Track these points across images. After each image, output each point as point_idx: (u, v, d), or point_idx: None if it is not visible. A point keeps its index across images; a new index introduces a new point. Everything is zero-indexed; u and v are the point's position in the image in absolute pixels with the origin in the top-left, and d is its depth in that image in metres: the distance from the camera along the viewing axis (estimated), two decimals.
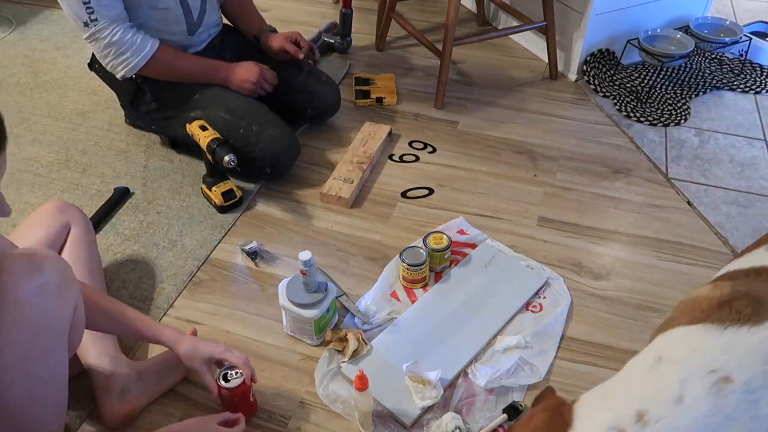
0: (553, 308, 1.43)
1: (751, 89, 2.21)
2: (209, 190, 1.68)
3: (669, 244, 1.61)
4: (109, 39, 1.55)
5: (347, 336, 1.32)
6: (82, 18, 1.52)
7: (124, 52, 1.58)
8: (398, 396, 1.23)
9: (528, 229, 1.65)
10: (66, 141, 1.95)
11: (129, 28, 1.57)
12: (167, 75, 1.69)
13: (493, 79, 2.27)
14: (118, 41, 1.56)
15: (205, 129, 1.60)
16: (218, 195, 1.66)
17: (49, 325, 0.94)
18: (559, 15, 2.18)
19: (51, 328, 0.94)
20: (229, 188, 1.67)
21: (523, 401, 1.24)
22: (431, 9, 2.74)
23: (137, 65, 1.60)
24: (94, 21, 1.52)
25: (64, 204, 1.35)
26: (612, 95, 2.16)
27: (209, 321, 1.41)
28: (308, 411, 1.24)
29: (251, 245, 1.55)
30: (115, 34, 1.55)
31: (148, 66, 1.62)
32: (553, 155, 1.90)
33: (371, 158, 1.82)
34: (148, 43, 1.60)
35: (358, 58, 2.39)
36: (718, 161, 1.90)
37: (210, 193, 1.68)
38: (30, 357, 0.93)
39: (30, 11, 2.66)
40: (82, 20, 1.52)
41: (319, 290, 1.30)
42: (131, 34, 1.57)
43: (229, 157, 1.54)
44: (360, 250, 1.59)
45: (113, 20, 1.54)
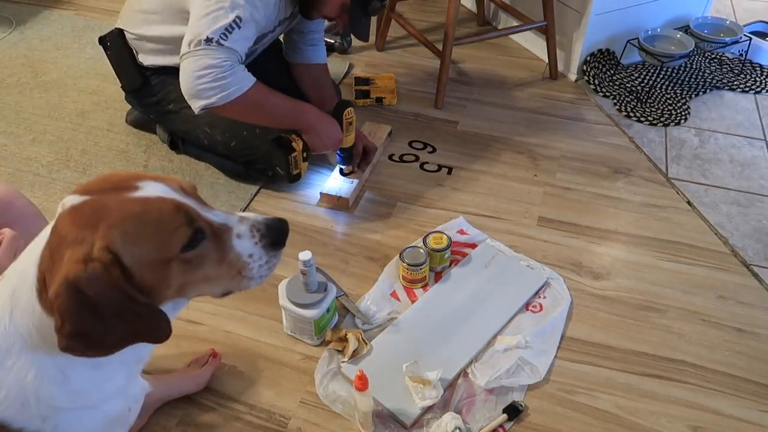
0: (553, 308, 1.43)
1: (751, 89, 2.21)
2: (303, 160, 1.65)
3: (669, 244, 1.61)
4: (219, 63, 1.37)
5: (347, 336, 1.32)
6: (210, 34, 1.35)
7: (226, 77, 1.38)
8: (398, 396, 1.23)
9: (528, 229, 1.65)
10: (66, 141, 1.95)
11: (239, 62, 1.43)
12: (248, 112, 1.51)
13: (493, 79, 2.27)
14: (225, 67, 1.38)
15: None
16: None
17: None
18: (559, 15, 2.17)
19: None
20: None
21: (523, 401, 1.24)
22: (431, 9, 2.74)
23: (231, 95, 1.40)
24: (220, 42, 1.36)
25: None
26: (612, 95, 2.16)
27: (209, 321, 1.41)
28: (308, 411, 1.24)
29: None
30: (227, 61, 1.38)
31: (238, 99, 1.42)
32: (553, 155, 1.90)
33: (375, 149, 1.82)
34: (248, 76, 1.44)
35: (358, 58, 2.39)
36: (718, 161, 1.90)
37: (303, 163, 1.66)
38: None
39: (30, 11, 2.66)
40: (208, 36, 1.35)
41: (319, 290, 1.30)
42: (238, 66, 1.42)
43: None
44: (360, 250, 1.59)
45: (234, 53, 1.40)
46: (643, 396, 1.27)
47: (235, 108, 1.45)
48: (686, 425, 1.22)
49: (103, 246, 0.71)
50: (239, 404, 1.25)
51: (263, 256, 0.84)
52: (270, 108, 1.52)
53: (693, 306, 1.45)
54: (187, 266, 0.78)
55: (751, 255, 1.58)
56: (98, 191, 0.76)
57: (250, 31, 1.42)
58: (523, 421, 1.22)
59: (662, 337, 1.39)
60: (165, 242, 0.75)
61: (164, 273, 0.76)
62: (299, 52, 1.82)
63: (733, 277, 1.53)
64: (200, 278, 0.80)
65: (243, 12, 1.37)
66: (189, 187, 0.82)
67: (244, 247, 0.82)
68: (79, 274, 0.69)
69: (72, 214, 0.74)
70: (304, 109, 1.59)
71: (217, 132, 1.68)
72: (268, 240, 0.84)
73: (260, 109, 1.51)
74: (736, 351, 1.36)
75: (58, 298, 0.70)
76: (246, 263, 0.83)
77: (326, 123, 1.61)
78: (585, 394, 1.27)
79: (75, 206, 0.75)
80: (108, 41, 1.72)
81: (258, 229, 0.83)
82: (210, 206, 0.83)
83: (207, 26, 1.36)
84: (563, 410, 1.24)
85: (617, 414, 1.24)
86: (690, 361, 1.34)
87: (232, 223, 0.82)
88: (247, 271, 0.83)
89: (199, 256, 0.78)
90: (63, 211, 0.75)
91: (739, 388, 1.29)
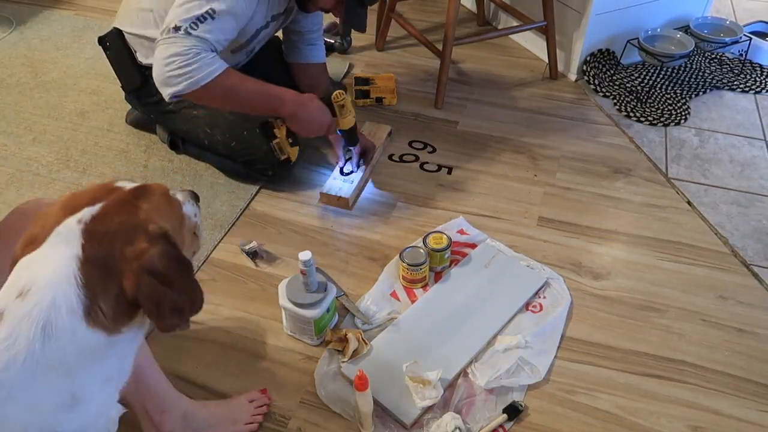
0: (553, 308, 1.43)
1: (751, 89, 2.21)
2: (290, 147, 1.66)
3: (669, 244, 1.61)
4: (185, 50, 1.36)
5: (347, 336, 1.32)
6: (179, 22, 1.36)
7: (191, 64, 1.37)
8: (398, 396, 1.23)
9: (528, 229, 1.65)
10: (66, 141, 1.95)
11: (210, 51, 1.41)
12: (223, 99, 1.48)
13: (493, 79, 2.27)
14: (191, 54, 1.37)
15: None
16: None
17: None
18: (559, 15, 2.17)
19: None
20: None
21: (523, 401, 1.24)
22: (431, 9, 2.74)
23: (199, 82, 1.38)
24: (188, 31, 1.36)
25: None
26: (612, 95, 2.16)
27: (209, 321, 1.41)
28: (308, 411, 1.24)
29: (251, 245, 1.55)
30: (193, 48, 1.37)
31: (208, 85, 1.40)
32: (553, 155, 1.90)
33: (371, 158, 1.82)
34: (218, 62, 1.41)
35: (358, 58, 2.39)
36: (718, 161, 1.90)
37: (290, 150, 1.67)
38: None
39: (30, 11, 2.66)
40: (176, 24, 1.36)
41: (319, 290, 1.30)
42: (207, 53, 1.39)
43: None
44: (360, 250, 1.59)
45: (204, 41, 1.38)
46: (643, 396, 1.27)
47: (207, 95, 1.43)
48: (686, 425, 1.22)
49: (155, 225, 0.79)
50: None
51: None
52: (245, 94, 1.48)
53: (693, 306, 1.45)
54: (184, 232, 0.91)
55: (751, 255, 1.58)
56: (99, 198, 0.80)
57: (226, 23, 1.40)
58: (523, 421, 1.22)
59: (662, 337, 1.39)
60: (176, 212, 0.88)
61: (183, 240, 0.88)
62: (297, 52, 1.82)
63: (733, 277, 1.53)
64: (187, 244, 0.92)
65: (218, 5, 1.37)
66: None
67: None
68: (152, 256, 0.76)
69: (101, 220, 0.78)
70: (281, 94, 1.53)
71: (217, 132, 1.68)
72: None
73: (234, 95, 1.47)
74: (736, 351, 1.36)
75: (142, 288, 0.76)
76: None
77: (308, 108, 1.55)
78: (585, 394, 1.27)
79: (97, 215, 0.78)
80: (107, 41, 1.72)
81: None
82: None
83: (178, 16, 1.37)
84: (563, 410, 1.24)
85: (617, 414, 1.24)
86: (690, 361, 1.34)
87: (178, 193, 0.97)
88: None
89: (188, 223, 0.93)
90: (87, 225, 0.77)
91: (739, 388, 1.29)
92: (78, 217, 0.78)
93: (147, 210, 0.80)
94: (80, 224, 0.77)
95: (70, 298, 0.74)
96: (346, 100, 1.59)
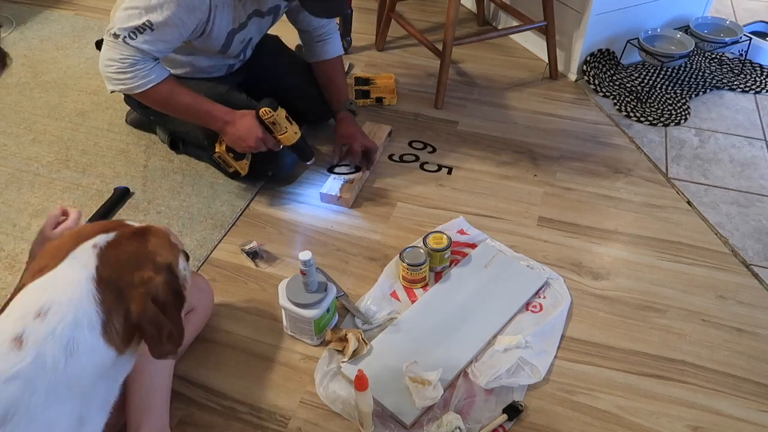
0: (553, 308, 1.42)
1: (751, 89, 2.21)
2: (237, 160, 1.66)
3: (669, 244, 1.61)
4: (121, 58, 1.41)
5: (347, 336, 1.32)
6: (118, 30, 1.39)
7: (125, 73, 1.43)
8: (398, 396, 1.23)
9: (528, 229, 1.65)
10: (66, 141, 1.95)
11: (150, 60, 1.45)
12: (160, 107, 1.55)
13: (493, 79, 2.27)
14: (127, 63, 1.42)
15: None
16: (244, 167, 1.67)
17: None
18: (559, 15, 2.17)
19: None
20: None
21: (523, 401, 1.24)
22: (431, 9, 2.74)
23: (132, 89, 1.46)
24: (126, 41, 1.39)
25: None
26: (612, 95, 2.16)
27: (209, 321, 1.40)
28: (308, 411, 1.24)
29: (251, 245, 1.55)
30: (129, 59, 1.42)
31: (143, 93, 1.47)
32: (553, 155, 1.90)
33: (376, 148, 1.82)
34: (155, 74, 1.46)
35: (358, 58, 2.39)
36: (718, 161, 1.90)
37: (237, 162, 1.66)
38: None
39: (30, 11, 2.66)
40: (115, 32, 1.39)
41: (319, 290, 1.30)
42: (145, 64, 1.44)
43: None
44: (360, 250, 1.59)
45: (144, 52, 1.42)
46: (643, 396, 1.27)
47: (145, 100, 1.52)
48: (686, 425, 1.22)
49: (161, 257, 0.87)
50: (239, 404, 1.25)
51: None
52: (176, 107, 1.55)
53: (693, 306, 1.45)
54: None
55: (751, 255, 1.58)
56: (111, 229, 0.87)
57: (166, 34, 1.41)
58: (523, 421, 1.22)
59: (662, 337, 1.39)
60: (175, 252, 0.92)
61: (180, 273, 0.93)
62: (310, 51, 1.84)
63: (733, 277, 1.53)
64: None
65: (157, 17, 1.38)
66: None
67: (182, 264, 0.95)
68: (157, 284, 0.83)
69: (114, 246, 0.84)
70: (210, 110, 1.56)
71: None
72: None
73: (167, 106, 1.55)
74: (736, 351, 1.36)
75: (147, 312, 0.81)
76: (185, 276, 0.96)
77: (236, 125, 1.56)
78: (585, 394, 1.27)
79: (112, 241, 0.85)
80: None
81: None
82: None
83: (119, 21, 1.40)
84: (563, 410, 1.24)
85: (617, 414, 1.24)
86: (690, 361, 1.34)
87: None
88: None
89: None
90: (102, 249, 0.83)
91: (739, 388, 1.29)
92: (93, 242, 0.83)
93: (155, 244, 0.88)
94: (95, 248, 0.83)
95: (91, 315, 0.78)
96: (276, 116, 1.56)
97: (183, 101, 1.54)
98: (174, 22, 1.40)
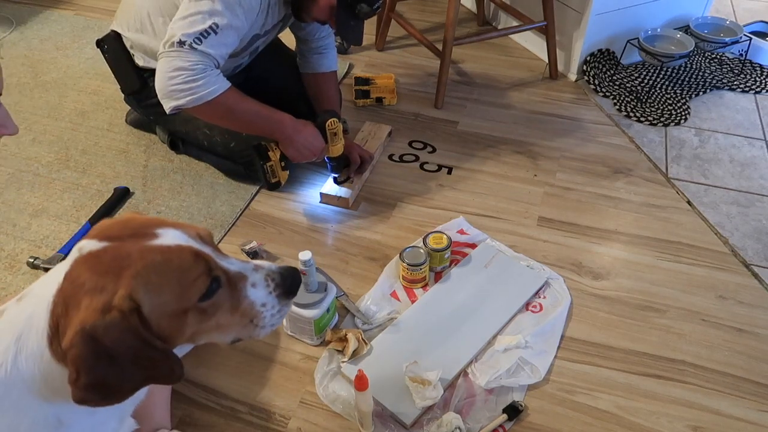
0: (553, 308, 1.43)
1: (751, 89, 2.21)
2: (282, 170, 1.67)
3: (669, 244, 1.61)
4: (191, 65, 1.37)
5: (347, 336, 1.32)
6: (183, 36, 1.35)
7: (196, 80, 1.37)
8: (398, 396, 1.23)
9: (528, 229, 1.65)
10: (66, 141, 1.95)
11: (215, 67, 1.42)
12: (223, 116, 1.49)
13: (493, 79, 2.27)
14: (197, 70, 1.37)
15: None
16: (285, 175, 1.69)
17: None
18: (559, 15, 2.18)
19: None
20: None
21: (523, 401, 1.24)
22: (431, 9, 2.74)
23: (201, 98, 1.39)
24: (193, 46, 1.36)
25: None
26: (612, 95, 2.16)
27: None
28: (308, 411, 1.24)
29: (251, 245, 1.55)
30: (199, 64, 1.37)
31: (210, 103, 1.41)
32: (553, 155, 1.90)
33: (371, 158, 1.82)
34: (221, 81, 1.43)
35: (358, 58, 2.39)
36: (718, 161, 1.90)
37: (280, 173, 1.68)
38: None
39: (30, 11, 2.66)
40: (181, 39, 1.35)
41: (319, 290, 1.30)
42: (213, 70, 1.41)
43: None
44: (360, 250, 1.59)
45: (209, 56, 1.39)
46: (643, 396, 1.27)
47: (207, 111, 1.45)
48: (686, 425, 1.22)
49: (126, 295, 0.70)
50: (239, 404, 1.25)
51: (276, 305, 0.84)
52: (242, 115, 1.50)
53: (693, 306, 1.45)
54: (203, 315, 0.78)
55: (751, 255, 1.58)
56: (117, 237, 0.75)
57: (228, 37, 1.41)
58: (523, 421, 1.22)
59: (662, 337, 1.39)
60: (185, 292, 0.75)
61: (181, 321, 0.76)
62: (306, 62, 1.82)
63: (733, 277, 1.53)
64: (213, 326, 0.80)
65: (221, 20, 1.37)
66: (206, 234, 0.82)
67: (258, 296, 0.82)
68: (97, 324, 0.68)
69: (91, 260, 0.73)
70: (279, 119, 1.55)
71: (217, 133, 1.68)
72: (282, 290, 0.84)
73: (232, 115, 1.48)
74: (736, 351, 1.36)
75: (74, 348, 0.67)
76: (259, 312, 0.83)
77: (303, 134, 1.56)
78: (585, 394, 1.27)
79: (94, 252, 0.73)
80: (105, 44, 1.72)
81: (273, 278, 0.84)
82: (225, 254, 0.83)
83: (182, 29, 1.36)
84: (563, 410, 1.24)
85: (617, 414, 1.24)
86: (690, 361, 1.34)
87: (247, 272, 0.82)
88: (259, 320, 0.83)
89: (214, 305, 0.78)
90: (80, 257, 0.73)
91: (739, 388, 1.29)
92: (81, 245, 0.75)
93: (135, 275, 0.71)
94: (78, 252, 0.74)
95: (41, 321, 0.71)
96: (338, 128, 1.61)
97: (249, 109, 1.50)
98: (236, 24, 1.40)
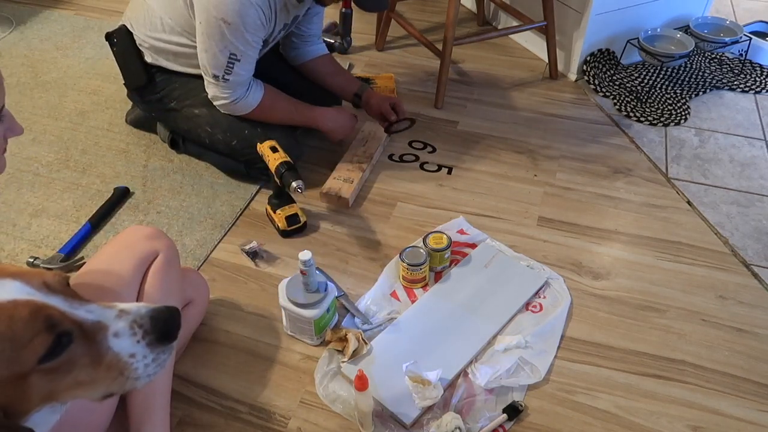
0: (553, 308, 1.43)
1: (751, 89, 2.21)
2: (274, 213, 1.62)
3: (669, 244, 1.61)
4: (227, 96, 1.59)
5: (347, 336, 1.32)
6: (215, 71, 1.54)
7: (233, 104, 1.61)
8: (398, 396, 1.23)
9: (528, 229, 1.65)
10: (66, 141, 1.95)
11: (246, 87, 1.60)
12: (263, 117, 1.67)
13: (493, 79, 2.27)
14: (233, 100, 1.59)
15: (276, 150, 1.55)
16: (282, 219, 1.59)
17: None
18: (559, 15, 2.17)
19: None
20: (294, 213, 1.61)
21: (523, 401, 1.24)
22: (431, 9, 2.74)
23: (240, 112, 1.64)
24: (225, 78, 1.54)
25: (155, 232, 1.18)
26: (612, 95, 2.16)
27: (209, 321, 1.41)
28: (308, 411, 1.24)
29: (251, 245, 1.55)
30: (234, 93, 1.58)
31: (250, 113, 1.64)
32: (553, 155, 1.90)
33: (371, 158, 1.82)
34: (253, 96, 1.62)
35: (358, 58, 2.39)
36: (718, 161, 1.90)
37: (274, 216, 1.62)
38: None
39: (30, 11, 2.66)
40: (214, 74, 1.55)
41: (319, 290, 1.30)
42: (244, 91, 1.60)
43: (297, 183, 1.47)
44: (360, 250, 1.59)
45: (240, 84, 1.57)
46: (643, 396, 1.27)
47: (252, 116, 1.65)
48: (686, 425, 1.22)
49: None
50: (239, 404, 1.25)
51: (148, 354, 0.73)
52: (280, 112, 1.70)
53: (693, 306, 1.45)
54: (53, 375, 0.68)
55: (751, 255, 1.58)
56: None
57: (249, 57, 1.55)
58: (523, 421, 1.22)
59: (662, 337, 1.39)
60: (16, 357, 0.64)
61: (21, 388, 0.66)
62: (304, 52, 1.85)
63: (733, 277, 1.53)
64: (71, 384, 0.70)
65: (234, 48, 1.50)
66: (56, 280, 0.72)
67: (123, 347, 0.72)
68: None
69: None
70: (312, 108, 1.74)
71: (218, 131, 1.68)
72: (154, 336, 0.74)
73: (272, 113, 1.68)
74: (736, 351, 1.36)
75: None
76: (128, 363, 0.72)
77: (341, 113, 1.80)
78: (585, 394, 1.27)
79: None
80: (115, 37, 1.72)
81: (140, 324, 0.73)
82: (84, 300, 0.73)
83: (209, 64, 1.54)
84: (563, 410, 1.24)
85: (617, 414, 1.24)
86: (690, 361, 1.34)
87: (108, 320, 0.72)
88: (131, 372, 0.73)
89: (67, 362, 0.68)
90: None
91: (739, 388, 1.29)
92: None
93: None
94: None
95: None
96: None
97: (285, 108, 1.71)
98: (251, 43, 1.52)
